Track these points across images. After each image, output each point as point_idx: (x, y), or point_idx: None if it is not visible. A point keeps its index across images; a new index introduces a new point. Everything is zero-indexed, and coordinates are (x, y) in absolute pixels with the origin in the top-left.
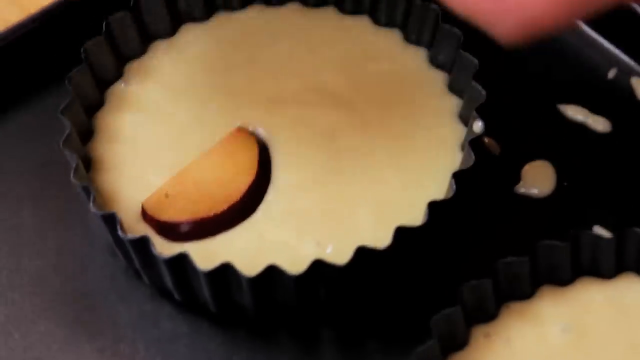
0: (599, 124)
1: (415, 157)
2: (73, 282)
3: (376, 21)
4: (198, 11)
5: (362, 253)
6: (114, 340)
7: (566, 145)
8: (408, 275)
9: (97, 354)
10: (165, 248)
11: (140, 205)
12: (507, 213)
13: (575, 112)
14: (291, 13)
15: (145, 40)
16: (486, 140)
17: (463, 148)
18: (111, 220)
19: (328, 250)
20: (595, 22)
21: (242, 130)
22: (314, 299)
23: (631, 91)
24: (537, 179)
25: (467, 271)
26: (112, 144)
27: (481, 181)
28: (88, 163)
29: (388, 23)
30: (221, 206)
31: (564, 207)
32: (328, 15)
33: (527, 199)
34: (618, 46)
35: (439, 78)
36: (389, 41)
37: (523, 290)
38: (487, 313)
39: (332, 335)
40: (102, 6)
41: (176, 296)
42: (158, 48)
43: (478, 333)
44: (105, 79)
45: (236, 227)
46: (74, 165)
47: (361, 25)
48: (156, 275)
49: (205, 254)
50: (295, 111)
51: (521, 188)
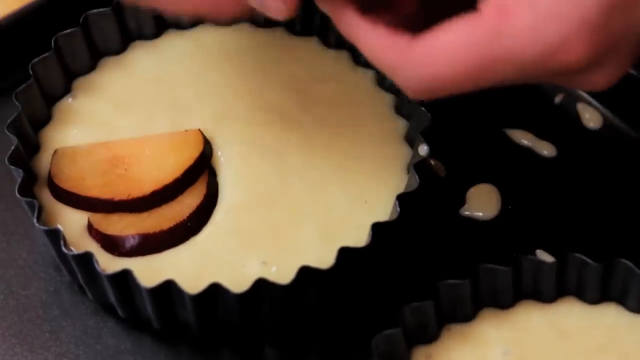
0: (545, 149)
1: (361, 178)
2: (16, 296)
3: (325, 42)
4: (148, 29)
5: (305, 273)
6: (57, 355)
7: (511, 169)
8: (351, 295)
9: None
10: (109, 264)
11: (84, 219)
12: (451, 235)
13: (521, 137)
14: (241, 33)
15: (94, 56)
16: (432, 162)
17: (408, 170)
18: (55, 235)
19: (273, 269)
20: None
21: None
22: (257, 317)
23: (577, 117)
24: (482, 202)
25: (410, 292)
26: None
27: (426, 203)
28: (34, 177)
29: (337, 44)
30: (167, 223)
31: (508, 230)
32: (277, 35)
33: (472, 222)
34: None
35: (386, 100)
36: (338, 62)
37: (464, 312)
38: (429, 334)
39: (275, 352)
40: (52, 22)
41: (120, 312)
42: (107, 64)
43: (419, 354)
44: (53, 95)
45: (182, 245)
46: (19, 180)
47: (310, 46)
48: (100, 291)
49: (149, 271)
50: (242, 129)
51: (466, 211)
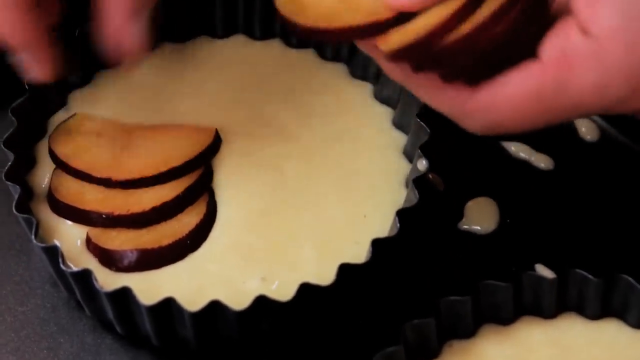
0: (542, 162)
1: (360, 193)
2: (13, 312)
3: (322, 55)
4: None
5: (306, 290)
6: None
7: (509, 182)
8: (351, 312)
9: None
10: (107, 281)
11: (82, 235)
12: (450, 250)
13: (518, 150)
14: (237, 45)
15: (90, 69)
16: (430, 176)
17: (407, 184)
18: (53, 252)
19: (273, 286)
20: None
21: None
22: (257, 334)
23: (574, 129)
24: (480, 216)
25: (410, 309)
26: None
27: (425, 217)
28: (30, 192)
29: (334, 57)
30: (166, 240)
31: (507, 245)
32: (274, 48)
33: (470, 236)
34: None
35: (384, 113)
36: (335, 75)
37: (465, 328)
38: (430, 351)
39: None
40: None
41: (118, 329)
42: (103, 77)
43: None
44: (48, 109)
45: (180, 261)
46: (17, 196)
47: (307, 58)
48: (98, 307)
49: (148, 288)
50: (240, 142)
51: (464, 225)
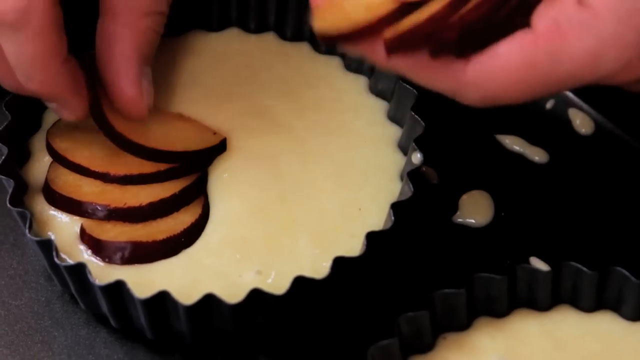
0: (537, 155)
1: (354, 186)
2: (7, 306)
3: (316, 48)
4: None
5: (300, 283)
6: None
7: (504, 175)
8: (346, 305)
9: None
10: (101, 274)
11: (75, 227)
12: (445, 243)
13: (513, 143)
14: (232, 38)
15: None
16: (424, 169)
17: (402, 177)
18: (47, 246)
19: (269, 279)
20: None
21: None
22: (252, 328)
23: (568, 122)
24: (475, 209)
25: (405, 302)
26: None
27: (419, 210)
28: (25, 186)
29: (328, 51)
30: (161, 235)
31: (502, 237)
32: (268, 41)
33: (465, 229)
34: None
35: (379, 106)
36: (329, 68)
37: (460, 321)
38: (424, 344)
39: None
40: None
41: (112, 322)
42: None
43: None
44: (42, 102)
45: (176, 255)
46: (10, 190)
47: (301, 51)
48: (92, 301)
49: (143, 281)
50: (235, 136)
51: (459, 218)
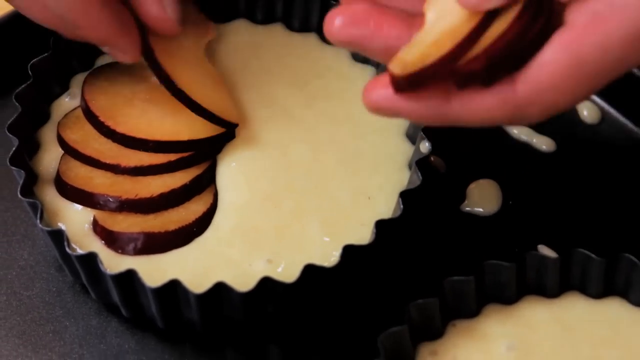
0: (544, 144)
1: (364, 175)
2: (19, 297)
3: (324, 39)
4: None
5: (310, 271)
6: (60, 355)
7: (510, 164)
8: (356, 293)
9: None
10: (112, 264)
11: (86, 218)
12: (453, 231)
13: (520, 132)
14: (239, 29)
15: (92, 54)
16: (432, 158)
17: (410, 166)
18: (59, 236)
19: (280, 268)
20: None
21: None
22: (262, 316)
23: (575, 111)
24: (482, 198)
25: (414, 289)
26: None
27: (427, 199)
28: (35, 177)
29: None
30: (173, 225)
31: (509, 226)
32: (276, 32)
33: (473, 218)
34: None
35: None
36: (337, 58)
37: (469, 308)
38: (434, 331)
39: (279, 351)
40: None
41: (123, 312)
42: (105, 62)
43: (424, 351)
44: (51, 94)
45: (186, 245)
46: (21, 181)
47: (309, 42)
48: (103, 290)
49: (153, 270)
50: (244, 126)
51: (466, 207)
